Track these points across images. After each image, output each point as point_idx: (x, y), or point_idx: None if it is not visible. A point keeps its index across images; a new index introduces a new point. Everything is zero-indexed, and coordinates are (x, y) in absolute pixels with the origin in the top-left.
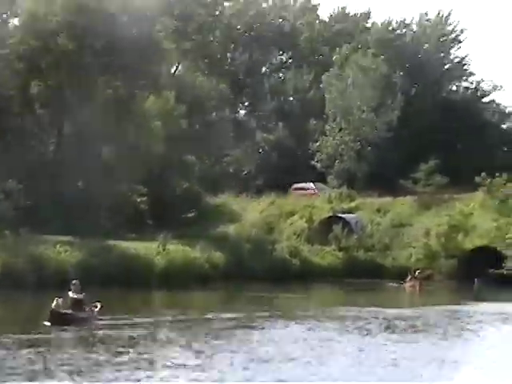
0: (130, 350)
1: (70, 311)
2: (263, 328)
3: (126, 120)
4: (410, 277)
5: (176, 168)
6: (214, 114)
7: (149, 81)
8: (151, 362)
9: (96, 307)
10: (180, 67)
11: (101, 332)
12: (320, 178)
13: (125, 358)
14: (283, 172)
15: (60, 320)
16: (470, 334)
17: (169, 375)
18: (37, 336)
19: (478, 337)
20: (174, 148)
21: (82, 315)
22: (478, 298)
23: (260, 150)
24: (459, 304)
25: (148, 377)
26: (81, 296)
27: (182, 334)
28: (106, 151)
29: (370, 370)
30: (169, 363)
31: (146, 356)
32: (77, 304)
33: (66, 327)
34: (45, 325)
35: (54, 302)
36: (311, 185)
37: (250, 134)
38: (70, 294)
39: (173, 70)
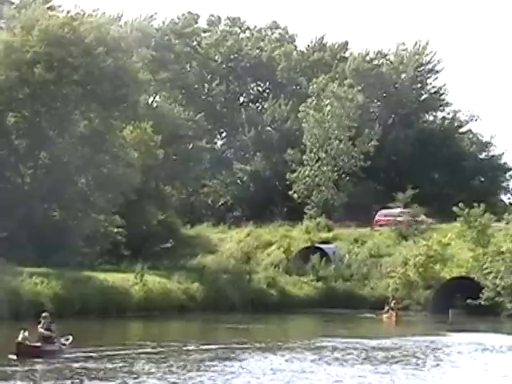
0: (106, 383)
1: (38, 344)
2: (240, 359)
3: (103, 150)
4: (386, 307)
5: (153, 198)
6: (190, 144)
7: (125, 111)
8: None
9: (67, 340)
10: (157, 97)
11: (77, 364)
12: (297, 208)
13: None
14: (260, 202)
15: (27, 353)
16: (447, 364)
17: None
18: (3, 368)
19: (454, 367)
20: (151, 178)
21: (51, 348)
22: (453, 328)
23: (237, 181)
24: (436, 334)
25: None
26: (48, 332)
27: (158, 366)
28: (83, 181)
29: None
30: None
31: None
32: (46, 337)
33: (35, 359)
34: (10, 358)
35: (21, 335)
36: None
37: (227, 165)
38: (39, 327)
39: (150, 101)
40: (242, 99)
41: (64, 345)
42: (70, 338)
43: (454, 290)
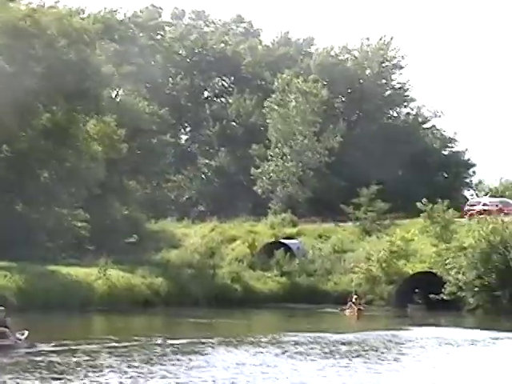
0: (67, 377)
1: None
2: (204, 354)
3: (66, 144)
4: (349, 302)
5: (117, 193)
6: (154, 138)
7: (89, 105)
8: None
9: (23, 335)
10: (120, 91)
11: (39, 358)
12: (262, 203)
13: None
14: (225, 197)
15: None
16: (408, 358)
17: None
18: None
19: (416, 361)
20: (115, 172)
21: (4, 343)
22: (415, 322)
23: (202, 176)
24: (398, 329)
25: None
26: (1, 328)
27: (121, 360)
28: (46, 175)
29: None
30: None
31: (81, 383)
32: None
33: None
34: None
35: None
36: (494, 200)
37: (192, 159)
38: None
39: (113, 94)
40: (206, 94)
41: (19, 340)
42: (26, 332)
43: (417, 285)
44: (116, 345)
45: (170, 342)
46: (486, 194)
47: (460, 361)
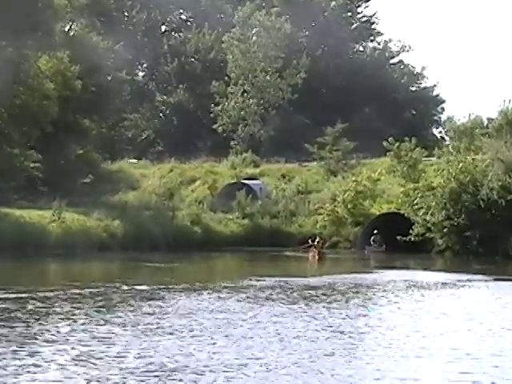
0: (17, 325)
1: None
2: (163, 300)
3: (17, 81)
4: (310, 245)
5: (71, 132)
6: (110, 75)
7: (41, 40)
8: (38, 337)
9: None
10: (74, 25)
11: None
12: (223, 142)
13: (13, 332)
14: (184, 137)
15: None
16: (375, 301)
17: (54, 350)
18: None
19: (383, 304)
20: (69, 111)
21: None
22: (382, 265)
23: (159, 114)
24: (364, 272)
25: (33, 352)
26: None
27: (79, 307)
28: None
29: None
30: (55, 337)
31: (34, 330)
32: None
33: None
34: None
35: None
36: None
37: (149, 97)
38: None
39: (66, 29)
40: (164, 28)
41: None
42: None
43: (384, 226)
44: (72, 291)
45: (128, 287)
46: (454, 132)
47: (428, 303)
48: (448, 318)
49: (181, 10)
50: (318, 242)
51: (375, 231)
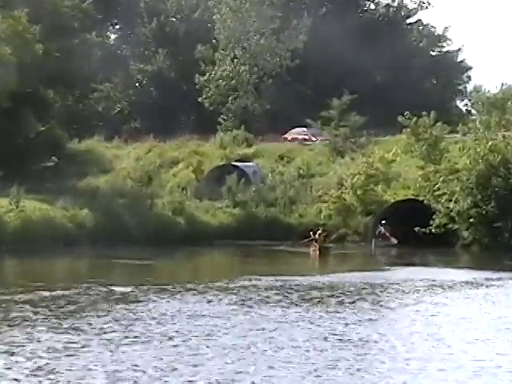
0: None
1: None
2: (141, 303)
3: None
4: (311, 238)
5: (31, 105)
6: (77, 38)
7: None
8: None
9: None
10: None
11: None
12: (210, 118)
13: None
14: (164, 111)
15: None
16: (387, 305)
17: (8, 363)
18: None
19: (396, 309)
20: (28, 80)
21: None
22: (397, 262)
23: (135, 84)
24: (376, 270)
25: None
26: None
27: (42, 312)
28: None
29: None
30: (10, 348)
31: None
32: None
33: None
34: None
35: None
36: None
37: (123, 64)
38: None
39: None
40: None
41: None
42: None
43: (399, 215)
44: (33, 293)
45: (100, 288)
46: (482, 105)
47: (451, 307)
48: (475, 324)
49: None
50: (319, 235)
51: (383, 221)
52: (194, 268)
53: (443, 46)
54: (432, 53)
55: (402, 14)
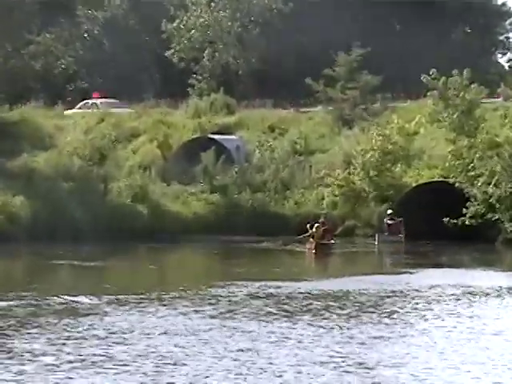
0: None
1: None
2: (92, 317)
3: None
4: (307, 233)
5: None
6: None
7: None
8: None
9: None
10: None
11: None
12: (180, 78)
13: None
14: (121, 69)
15: None
16: (408, 318)
17: None
18: None
19: (419, 324)
20: None
21: None
22: (419, 262)
23: (84, 35)
24: (394, 273)
25: None
26: None
27: None
28: None
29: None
30: None
31: None
32: None
33: None
34: None
35: None
36: None
37: (68, 9)
38: None
39: None
40: None
41: None
42: None
43: (423, 203)
44: None
45: (35, 298)
46: None
47: (488, 320)
48: None
49: None
50: (316, 229)
51: (389, 211)
52: (161, 271)
53: None
54: None
55: None
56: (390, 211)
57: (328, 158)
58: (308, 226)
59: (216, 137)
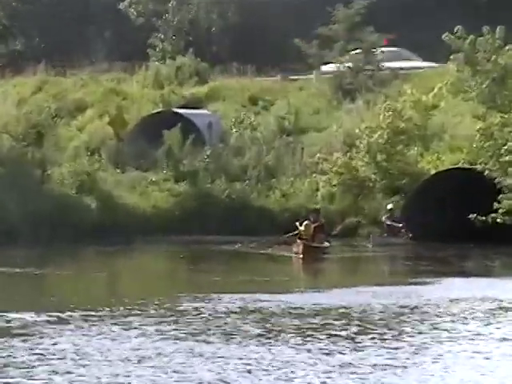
0: None
1: None
2: (28, 338)
3: None
4: (294, 233)
5: None
6: None
7: None
8: None
9: None
10: None
11: None
12: (137, 37)
13: None
14: (63, 26)
15: None
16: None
17: None
18: None
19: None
20: None
21: None
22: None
23: None
24: (405, 283)
25: None
26: None
27: None
28: None
29: None
30: None
31: None
32: None
33: None
34: None
35: None
36: None
37: None
38: None
39: None
40: None
41: None
42: None
43: (444, 194)
44: None
45: None
46: None
47: None
48: None
49: None
50: (306, 226)
51: (389, 205)
52: (113, 281)
53: None
54: None
55: None
56: (390, 206)
57: (324, 139)
58: (297, 223)
59: (183, 111)
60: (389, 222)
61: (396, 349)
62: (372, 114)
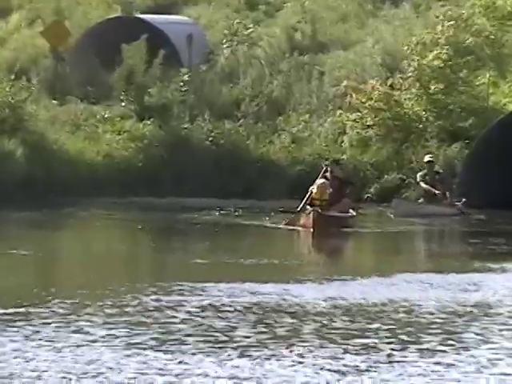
0: None
1: None
2: None
3: None
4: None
5: None
6: None
7: None
8: None
9: None
10: None
11: None
12: None
13: None
14: None
15: None
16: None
17: None
18: None
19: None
20: None
21: None
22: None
23: None
24: (457, 270)
25: None
26: None
27: None
28: None
29: None
30: None
31: None
32: None
33: None
34: None
35: None
36: None
37: None
38: None
39: None
40: None
41: None
42: None
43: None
44: None
45: None
46: None
47: None
48: None
49: None
50: (321, 186)
51: (427, 157)
52: (44, 262)
53: None
54: None
55: None
56: (428, 157)
57: (354, 59)
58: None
59: (150, 18)
60: (424, 185)
61: (442, 356)
62: (425, 23)
